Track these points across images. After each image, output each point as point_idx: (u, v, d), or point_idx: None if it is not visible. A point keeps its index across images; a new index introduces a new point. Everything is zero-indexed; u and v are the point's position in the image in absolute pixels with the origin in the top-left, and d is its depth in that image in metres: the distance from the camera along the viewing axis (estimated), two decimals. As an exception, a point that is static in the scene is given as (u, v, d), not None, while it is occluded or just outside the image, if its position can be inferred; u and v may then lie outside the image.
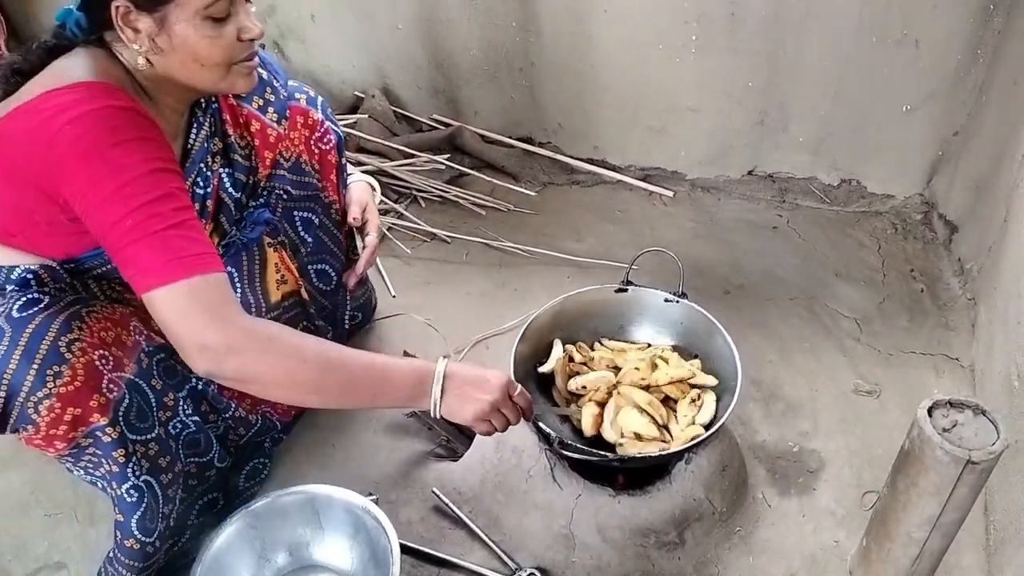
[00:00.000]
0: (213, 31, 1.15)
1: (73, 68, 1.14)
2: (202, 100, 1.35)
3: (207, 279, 1.10)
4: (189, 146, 1.34)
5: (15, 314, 1.12)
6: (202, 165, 1.36)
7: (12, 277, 1.22)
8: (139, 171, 1.08)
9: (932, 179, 2.16)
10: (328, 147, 1.58)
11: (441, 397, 1.24)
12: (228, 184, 1.41)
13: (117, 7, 1.11)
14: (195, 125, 1.34)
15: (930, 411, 0.92)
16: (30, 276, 1.22)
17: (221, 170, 1.40)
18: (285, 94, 1.49)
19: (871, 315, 1.91)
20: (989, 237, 1.79)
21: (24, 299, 1.14)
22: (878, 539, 1.04)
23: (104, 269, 1.27)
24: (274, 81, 1.47)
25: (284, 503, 1.36)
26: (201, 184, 1.35)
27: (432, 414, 1.25)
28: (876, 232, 2.18)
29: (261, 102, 1.45)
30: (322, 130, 1.55)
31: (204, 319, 1.08)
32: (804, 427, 1.64)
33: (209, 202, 1.37)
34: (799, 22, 1.99)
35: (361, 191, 1.69)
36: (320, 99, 1.58)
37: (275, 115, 1.46)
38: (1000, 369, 1.48)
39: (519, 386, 1.31)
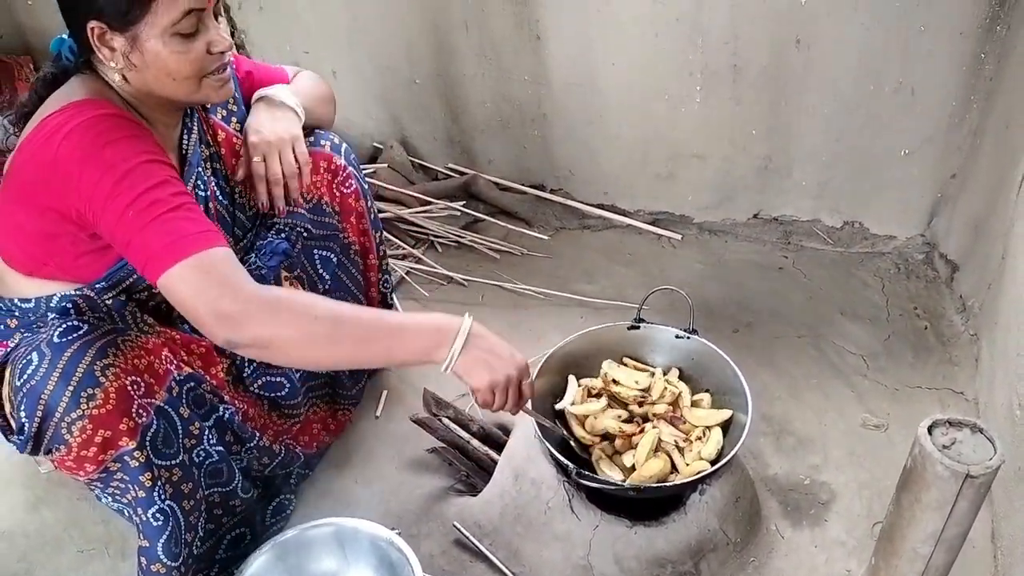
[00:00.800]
0: (182, 46, 1.21)
1: (66, 93, 1.22)
2: (188, 109, 1.40)
3: (213, 253, 1.13)
4: (184, 151, 1.39)
5: (55, 339, 1.18)
6: (199, 169, 1.41)
7: (52, 305, 1.29)
8: (132, 163, 1.14)
9: (932, 220, 2.22)
10: (349, 191, 1.64)
11: (460, 353, 1.22)
12: (217, 191, 1.46)
13: (92, 28, 1.18)
14: (186, 131, 1.40)
15: (930, 429, 0.97)
16: (69, 305, 1.28)
17: (211, 177, 1.46)
18: (243, 107, 1.53)
19: (877, 352, 1.96)
20: (988, 275, 1.84)
21: (64, 326, 1.20)
22: (885, 556, 1.08)
23: (131, 280, 1.33)
24: (236, 93, 1.52)
25: (312, 535, 1.39)
26: (201, 187, 1.41)
27: (443, 367, 1.23)
28: (879, 272, 2.24)
29: (225, 112, 1.50)
30: (344, 175, 1.62)
31: (217, 290, 1.11)
32: (814, 460, 1.68)
33: (211, 204, 1.43)
34: (798, 72, 2.07)
35: (248, 133, 1.49)
36: (345, 146, 1.64)
37: (238, 125, 1.51)
38: (1002, 401, 1.53)
39: (531, 375, 1.33)
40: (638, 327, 1.67)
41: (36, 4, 2.80)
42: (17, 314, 1.33)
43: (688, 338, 1.63)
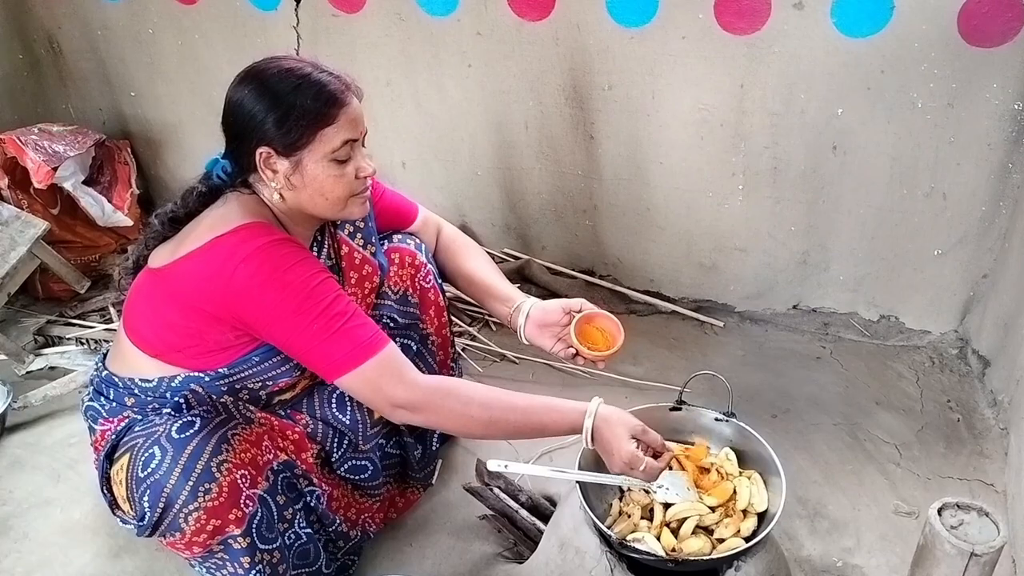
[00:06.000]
0: (337, 170, 1.41)
1: (230, 214, 1.41)
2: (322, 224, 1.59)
3: (384, 353, 1.39)
4: None
5: (174, 435, 1.34)
6: None
7: (173, 385, 1.45)
8: (310, 287, 1.34)
9: (965, 317, 2.29)
10: (428, 285, 1.80)
11: (592, 438, 1.46)
12: None
13: (261, 153, 1.38)
14: (316, 245, 1.58)
15: (940, 511, 1.07)
16: (181, 400, 1.44)
17: None
18: (372, 224, 1.70)
19: (910, 442, 2.03)
20: (1017, 371, 1.91)
21: (180, 422, 1.36)
22: (903, 629, 1.16)
23: (248, 372, 1.48)
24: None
25: (373, 590, 1.52)
26: None
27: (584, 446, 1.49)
28: (914, 365, 2.31)
29: (351, 229, 1.66)
30: (424, 271, 1.79)
31: (392, 384, 1.38)
32: (847, 544, 1.75)
33: None
34: (835, 176, 2.20)
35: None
36: (424, 246, 1.82)
37: (362, 240, 1.67)
38: (1028, 493, 1.60)
39: (643, 461, 1.43)
40: (680, 408, 1.77)
41: (138, 96, 3.10)
42: (136, 391, 1.48)
43: (727, 421, 1.74)
